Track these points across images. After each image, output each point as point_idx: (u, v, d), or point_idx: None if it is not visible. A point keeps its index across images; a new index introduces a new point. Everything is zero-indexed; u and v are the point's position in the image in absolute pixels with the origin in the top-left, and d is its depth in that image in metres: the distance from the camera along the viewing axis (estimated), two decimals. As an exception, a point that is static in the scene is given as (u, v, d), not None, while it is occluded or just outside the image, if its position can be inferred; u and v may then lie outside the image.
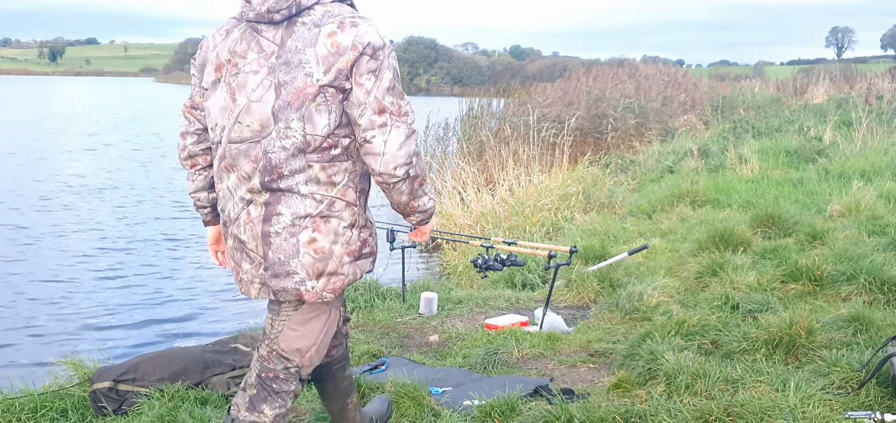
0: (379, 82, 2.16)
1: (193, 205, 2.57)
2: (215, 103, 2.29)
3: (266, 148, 2.20)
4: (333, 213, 2.24)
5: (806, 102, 20.68)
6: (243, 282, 2.35)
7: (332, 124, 2.18)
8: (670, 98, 19.24)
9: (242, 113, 2.22)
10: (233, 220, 2.32)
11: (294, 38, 2.17)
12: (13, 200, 12.52)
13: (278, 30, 2.20)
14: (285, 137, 2.18)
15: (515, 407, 3.13)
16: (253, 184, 2.23)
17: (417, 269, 8.41)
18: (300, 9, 2.19)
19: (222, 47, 2.27)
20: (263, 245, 2.25)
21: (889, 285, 4.59)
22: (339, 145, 2.22)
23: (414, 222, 2.45)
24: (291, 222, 2.21)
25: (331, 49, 2.14)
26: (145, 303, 7.40)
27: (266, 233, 2.23)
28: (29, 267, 8.58)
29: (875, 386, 3.05)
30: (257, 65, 2.20)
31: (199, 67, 2.36)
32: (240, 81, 2.22)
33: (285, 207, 2.21)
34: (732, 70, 56.40)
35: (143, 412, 3.48)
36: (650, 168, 12.17)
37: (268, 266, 2.26)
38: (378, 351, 4.49)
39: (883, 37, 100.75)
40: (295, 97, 2.16)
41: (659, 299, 4.83)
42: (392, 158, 2.18)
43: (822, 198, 7.94)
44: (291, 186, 2.20)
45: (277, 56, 2.18)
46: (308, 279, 2.24)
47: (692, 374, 3.22)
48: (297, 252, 2.22)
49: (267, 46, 2.20)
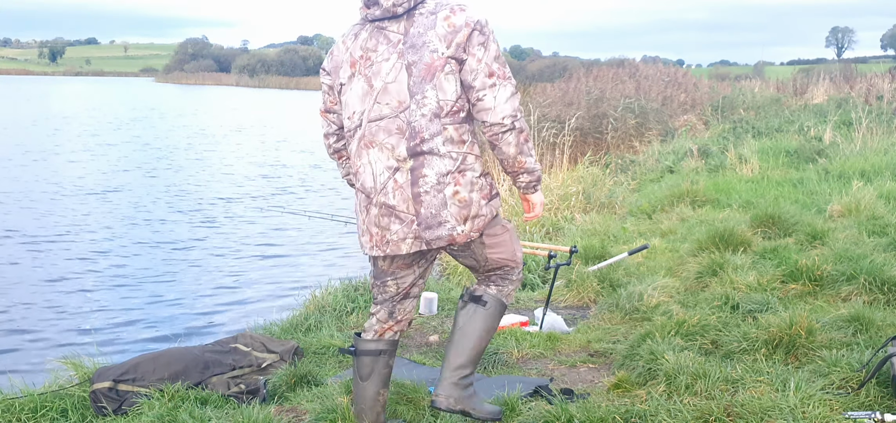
0: (487, 52, 2.63)
1: (348, 183, 2.97)
2: (353, 94, 2.72)
3: (409, 119, 2.62)
4: (467, 166, 2.66)
5: (806, 102, 20.68)
6: (391, 242, 2.71)
7: (458, 90, 2.63)
8: (670, 98, 19.23)
9: (380, 94, 2.66)
10: (379, 189, 2.69)
11: (415, 26, 2.63)
12: (13, 201, 12.52)
13: (401, 22, 2.66)
14: (423, 106, 2.61)
15: (515, 407, 3.13)
16: (399, 152, 2.64)
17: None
18: (417, 2, 2.66)
19: (354, 47, 2.73)
20: (415, 204, 2.65)
21: (889, 285, 4.59)
22: (464, 109, 2.66)
23: (522, 185, 2.81)
24: (436, 181, 2.63)
25: (448, 29, 2.60)
26: (145, 303, 7.40)
27: (416, 194, 2.64)
28: (29, 268, 8.58)
29: (875, 386, 3.05)
30: (387, 53, 2.65)
31: (333, 70, 2.80)
32: (374, 70, 2.67)
33: (429, 168, 2.63)
34: (732, 70, 56.36)
35: (143, 412, 3.48)
36: (650, 168, 12.17)
37: (421, 222, 2.66)
38: (378, 351, 4.48)
39: (883, 37, 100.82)
40: (426, 71, 2.61)
41: (659, 299, 4.83)
42: (501, 110, 2.63)
43: (822, 198, 7.94)
44: (432, 147, 2.62)
45: (403, 43, 2.64)
46: (458, 225, 2.66)
47: (692, 374, 3.22)
48: (445, 205, 2.64)
49: (393, 37, 2.66)
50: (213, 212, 12.12)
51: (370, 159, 2.70)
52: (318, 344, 4.67)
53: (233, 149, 21.91)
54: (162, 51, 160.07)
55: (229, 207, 12.53)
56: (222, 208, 12.43)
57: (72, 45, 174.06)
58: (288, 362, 4.17)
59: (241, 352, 4.21)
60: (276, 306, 7.18)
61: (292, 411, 3.47)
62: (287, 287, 8.05)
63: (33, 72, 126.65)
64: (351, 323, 5.38)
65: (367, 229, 2.77)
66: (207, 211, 12.18)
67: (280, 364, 4.15)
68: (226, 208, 12.44)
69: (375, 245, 2.75)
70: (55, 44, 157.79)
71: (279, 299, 7.50)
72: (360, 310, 5.67)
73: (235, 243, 10.02)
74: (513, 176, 2.78)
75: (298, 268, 8.92)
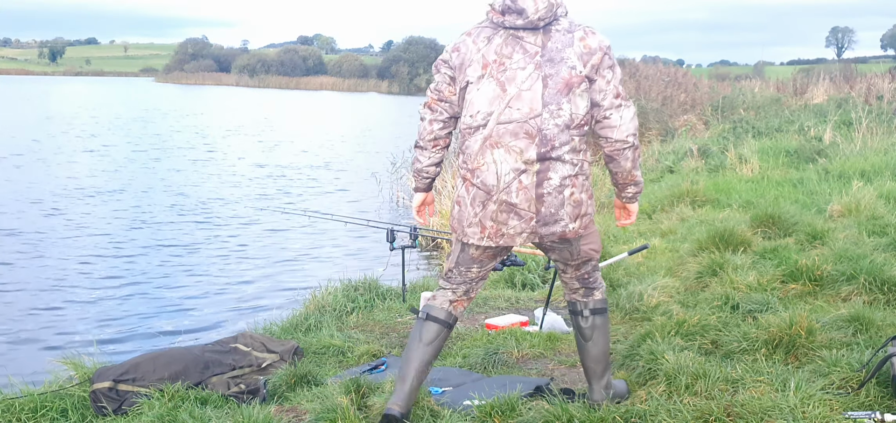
0: (614, 75, 2.90)
1: (417, 172, 3.14)
2: (482, 95, 2.89)
3: (540, 126, 2.84)
4: (582, 172, 2.94)
5: (806, 102, 20.66)
6: (506, 235, 2.94)
7: (588, 106, 2.89)
8: (670, 98, 19.22)
9: (513, 99, 2.85)
10: (501, 188, 2.89)
11: (553, 41, 2.86)
12: (13, 202, 12.52)
13: (538, 35, 2.87)
14: (557, 117, 2.84)
15: (515, 407, 3.12)
16: (528, 156, 2.86)
17: (417, 269, 8.41)
18: (555, 18, 2.89)
19: (487, 50, 2.90)
20: (537, 204, 2.89)
21: (889, 285, 4.59)
22: (588, 123, 2.92)
23: (629, 196, 3.11)
24: (559, 184, 2.89)
25: (584, 49, 2.86)
26: (145, 303, 7.40)
27: (540, 195, 2.88)
28: (29, 268, 8.58)
29: (875, 386, 3.04)
30: (523, 62, 2.86)
31: (458, 66, 2.94)
32: (508, 76, 2.86)
33: (554, 173, 2.87)
34: (732, 70, 56.33)
35: (143, 412, 3.48)
36: (650, 168, 12.17)
37: (540, 219, 2.91)
38: (378, 351, 4.49)
39: (883, 37, 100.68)
40: (563, 86, 2.84)
41: (659, 299, 4.83)
42: (625, 129, 2.91)
43: (822, 198, 7.94)
44: (560, 155, 2.86)
45: (541, 55, 2.85)
46: (570, 222, 2.94)
47: (692, 374, 3.22)
48: (562, 205, 2.91)
49: (530, 48, 2.86)
50: (212, 212, 12.12)
51: (495, 159, 2.89)
52: (318, 344, 4.67)
53: (233, 149, 21.91)
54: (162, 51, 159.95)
55: (229, 208, 12.53)
56: (222, 209, 12.43)
57: (72, 45, 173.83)
58: (288, 362, 4.17)
59: (241, 352, 4.22)
60: (275, 305, 7.19)
61: (292, 411, 3.47)
62: (287, 287, 8.06)
63: (33, 72, 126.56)
64: (351, 323, 5.38)
65: (479, 222, 2.95)
66: (207, 211, 12.18)
67: (280, 364, 4.15)
68: (226, 209, 12.44)
69: (489, 237, 2.96)
70: (55, 44, 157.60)
71: (279, 299, 7.50)
72: (360, 310, 5.67)
73: (235, 244, 10.02)
74: (622, 187, 3.08)
75: (298, 268, 8.92)
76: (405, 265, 5.83)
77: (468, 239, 3.00)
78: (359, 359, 4.39)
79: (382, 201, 13.27)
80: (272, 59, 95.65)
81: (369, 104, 55.20)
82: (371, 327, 5.18)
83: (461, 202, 2.99)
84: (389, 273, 6.34)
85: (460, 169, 3.00)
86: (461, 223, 3.00)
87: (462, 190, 2.99)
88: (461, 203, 2.99)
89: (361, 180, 15.77)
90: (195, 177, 16.01)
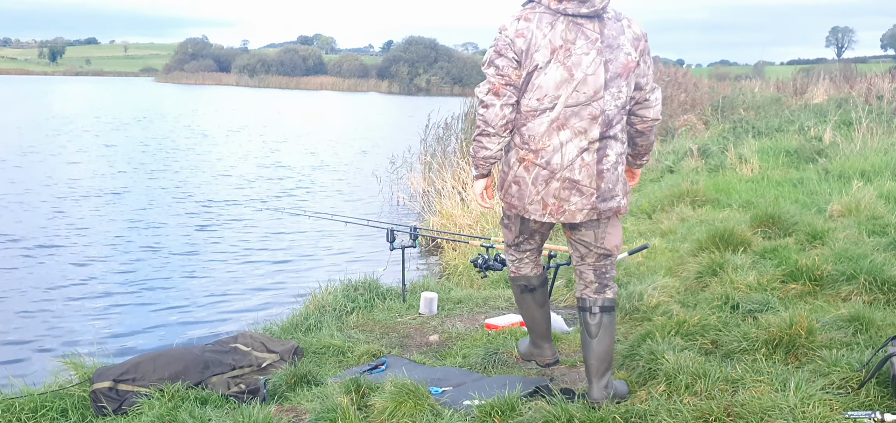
0: (650, 60, 3.17)
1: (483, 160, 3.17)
2: (549, 79, 3.01)
3: (603, 108, 3.03)
4: (625, 150, 3.19)
5: (806, 102, 20.66)
6: (566, 211, 3.11)
7: (634, 88, 3.12)
8: (670, 98, 19.20)
9: (580, 84, 3.01)
10: (565, 166, 3.06)
11: (608, 28, 3.04)
12: (14, 202, 12.52)
13: (595, 23, 3.03)
14: (618, 98, 3.05)
15: (515, 407, 3.12)
16: (592, 135, 3.04)
17: (417, 269, 8.41)
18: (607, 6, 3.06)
19: (553, 35, 3.00)
20: (598, 179, 3.08)
21: (889, 285, 4.59)
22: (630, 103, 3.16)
23: (642, 163, 3.41)
24: (615, 161, 3.11)
25: (633, 36, 3.09)
26: (145, 303, 7.40)
27: (600, 171, 3.08)
28: (29, 268, 8.58)
29: (875, 386, 3.05)
30: (587, 48, 3.01)
31: (522, 51, 3.02)
32: (574, 61, 3.00)
33: (611, 150, 3.09)
34: (732, 70, 56.36)
35: (143, 412, 3.48)
36: (650, 168, 12.17)
37: (600, 195, 3.10)
38: (378, 351, 4.49)
39: (883, 37, 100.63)
40: (623, 69, 3.05)
41: (659, 299, 4.83)
42: (657, 109, 3.22)
43: (822, 198, 7.93)
44: (616, 133, 3.09)
45: (601, 41, 3.03)
46: (622, 198, 3.18)
47: (692, 374, 3.22)
48: (618, 181, 3.13)
49: (591, 35, 3.02)
50: (212, 212, 12.12)
51: (561, 140, 3.05)
52: (318, 344, 4.67)
53: (233, 149, 21.90)
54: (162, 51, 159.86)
55: (229, 208, 12.53)
56: (222, 209, 12.43)
57: (72, 44, 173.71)
58: (288, 362, 4.18)
59: (241, 352, 4.22)
60: (275, 304, 7.19)
61: (292, 411, 3.47)
62: (287, 287, 8.06)
63: (33, 72, 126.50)
64: (351, 323, 5.38)
65: (541, 200, 3.12)
66: (207, 212, 12.18)
67: (280, 364, 4.15)
68: (226, 209, 12.44)
69: (551, 214, 3.13)
70: (55, 44, 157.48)
71: (279, 299, 7.51)
72: (360, 310, 5.67)
73: (235, 244, 10.02)
74: (641, 156, 3.37)
75: (298, 268, 8.92)
76: (405, 265, 5.83)
77: (529, 215, 3.16)
78: (359, 359, 4.39)
79: (383, 201, 13.27)
80: (272, 59, 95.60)
81: (369, 104, 55.19)
82: (371, 327, 5.18)
83: (520, 182, 3.13)
84: (389, 273, 6.34)
85: (519, 150, 3.10)
86: (522, 201, 3.16)
87: (520, 170, 3.12)
88: (520, 183, 3.13)
89: (362, 180, 15.77)
90: (195, 177, 16.00)
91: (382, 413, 3.13)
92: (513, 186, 3.16)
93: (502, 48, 3.05)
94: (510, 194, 3.18)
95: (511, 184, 3.16)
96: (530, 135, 3.06)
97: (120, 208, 12.18)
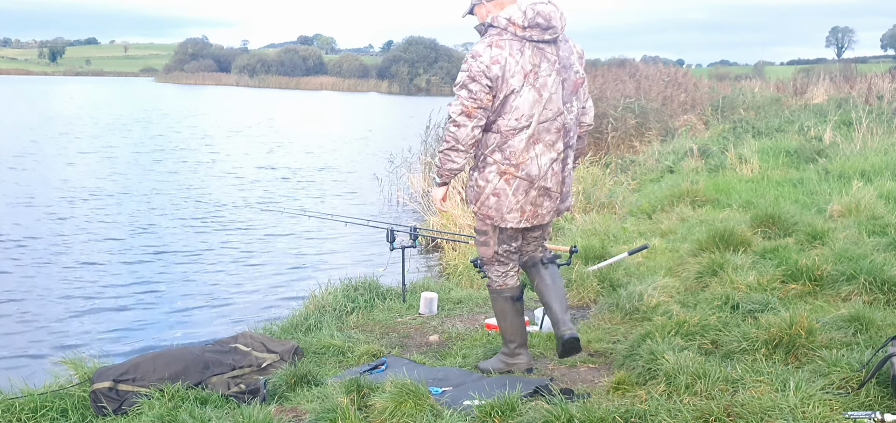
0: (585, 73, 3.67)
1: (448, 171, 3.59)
2: (524, 100, 3.44)
3: (564, 122, 3.52)
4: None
5: (806, 102, 20.65)
6: (539, 215, 3.60)
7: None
8: (670, 98, 19.22)
9: (548, 102, 3.47)
10: (541, 175, 3.51)
11: (562, 51, 3.51)
12: (14, 203, 12.52)
13: (553, 46, 3.49)
14: (571, 112, 3.55)
15: (515, 407, 3.12)
16: (558, 147, 3.53)
17: (417, 269, 8.41)
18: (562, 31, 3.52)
19: (523, 60, 3.42)
20: (562, 185, 3.60)
21: (889, 285, 4.59)
22: None
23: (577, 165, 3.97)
24: (571, 167, 3.64)
25: (578, 54, 3.63)
26: (145, 304, 7.40)
27: (563, 178, 3.60)
28: (29, 269, 8.58)
29: (875, 386, 3.04)
30: (548, 70, 3.47)
31: (497, 77, 3.39)
32: (541, 82, 3.45)
33: (569, 158, 3.61)
34: (732, 70, 56.29)
35: (143, 412, 3.48)
36: (650, 168, 12.17)
37: (562, 198, 3.64)
38: (378, 351, 4.49)
39: (883, 37, 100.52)
40: (574, 86, 3.56)
41: (659, 299, 4.83)
42: (592, 114, 3.82)
43: (822, 198, 7.94)
44: (571, 142, 3.60)
45: (558, 63, 3.49)
46: (572, 198, 3.72)
47: (692, 374, 3.22)
48: (572, 183, 3.68)
49: (550, 57, 3.48)
50: (213, 213, 12.12)
51: (536, 153, 3.49)
52: (318, 344, 4.67)
53: (234, 150, 21.90)
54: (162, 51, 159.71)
55: (229, 208, 12.53)
56: (222, 209, 12.43)
57: (72, 45, 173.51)
58: (288, 362, 4.17)
59: (241, 352, 4.21)
60: (275, 304, 7.19)
61: (292, 411, 3.47)
62: (287, 287, 8.06)
63: (33, 72, 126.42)
64: (351, 323, 5.38)
65: (520, 208, 3.55)
66: (208, 212, 12.18)
67: (280, 364, 4.15)
68: (226, 209, 12.44)
69: (527, 219, 3.58)
70: (55, 44, 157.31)
71: (279, 299, 7.51)
72: (360, 310, 5.67)
73: (235, 244, 10.02)
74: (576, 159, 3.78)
75: (298, 268, 8.92)
76: (405, 265, 5.83)
77: (507, 224, 3.57)
78: (359, 359, 4.39)
79: (383, 201, 13.27)
80: (272, 59, 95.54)
81: (369, 104, 55.18)
82: (371, 327, 5.18)
83: (500, 194, 3.53)
84: (389, 273, 6.34)
85: (500, 165, 3.49)
86: (500, 211, 3.55)
87: (500, 183, 3.51)
88: (500, 194, 3.53)
89: (362, 180, 15.77)
90: (196, 178, 16.01)
91: (382, 413, 3.13)
92: (491, 199, 3.53)
93: (476, 74, 3.39)
94: (487, 206, 3.55)
95: (489, 196, 3.53)
96: (511, 151, 3.47)
97: (120, 209, 12.18)
